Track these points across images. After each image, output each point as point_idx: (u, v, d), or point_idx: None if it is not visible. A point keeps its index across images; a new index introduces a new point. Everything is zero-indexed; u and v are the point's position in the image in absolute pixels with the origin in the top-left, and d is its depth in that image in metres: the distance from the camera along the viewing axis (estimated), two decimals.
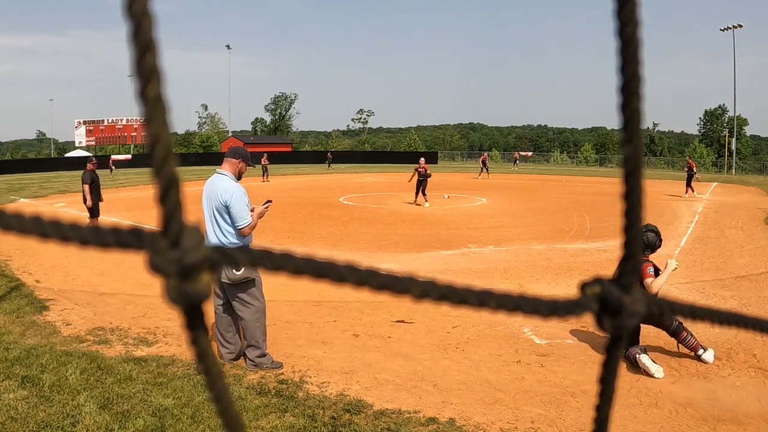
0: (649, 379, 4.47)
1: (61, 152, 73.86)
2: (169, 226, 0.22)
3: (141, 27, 0.21)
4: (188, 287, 0.22)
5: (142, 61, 0.22)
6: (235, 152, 4.80)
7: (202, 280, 0.22)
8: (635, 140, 0.26)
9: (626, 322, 0.28)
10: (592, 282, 0.28)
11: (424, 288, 0.26)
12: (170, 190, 0.22)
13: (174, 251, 0.22)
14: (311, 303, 6.47)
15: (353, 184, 26.11)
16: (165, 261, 0.22)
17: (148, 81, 0.22)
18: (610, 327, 0.29)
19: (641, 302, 0.28)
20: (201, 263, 0.22)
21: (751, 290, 7.19)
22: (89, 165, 11.00)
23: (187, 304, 0.22)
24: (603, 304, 0.28)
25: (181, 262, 0.22)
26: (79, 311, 6.24)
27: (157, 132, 0.22)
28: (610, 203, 18.01)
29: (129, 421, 3.66)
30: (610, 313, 0.28)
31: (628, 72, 0.26)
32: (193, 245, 0.22)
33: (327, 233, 11.69)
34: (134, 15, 0.21)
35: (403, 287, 0.26)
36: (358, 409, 3.94)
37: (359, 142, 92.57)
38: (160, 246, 0.22)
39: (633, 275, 0.28)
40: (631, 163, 0.27)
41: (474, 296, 0.27)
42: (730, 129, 58.56)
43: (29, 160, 49.92)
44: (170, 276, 0.22)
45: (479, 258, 9.28)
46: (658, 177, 37.28)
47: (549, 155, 76.30)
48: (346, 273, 0.26)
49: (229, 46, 68.56)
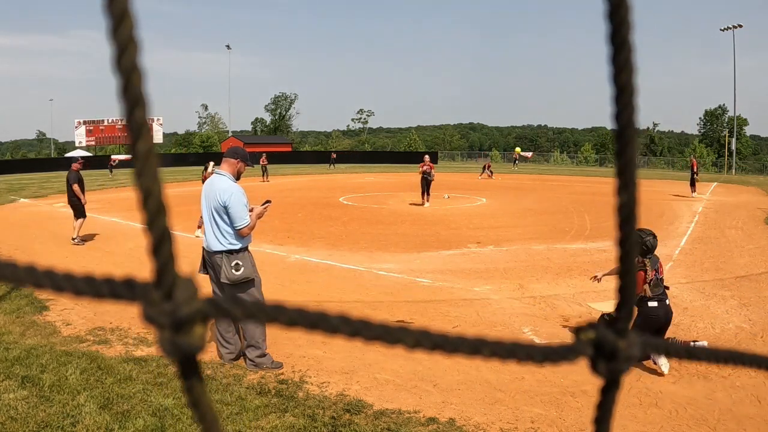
0: (649, 379, 4.47)
1: (61, 152, 73.86)
2: (163, 279, 0.22)
3: (130, 82, 0.21)
4: (182, 340, 0.22)
5: (132, 117, 0.21)
6: (233, 152, 4.79)
7: (195, 332, 0.22)
8: (630, 186, 0.27)
9: (622, 366, 0.28)
10: (587, 327, 0.28)
11: (417, 338, 0.26)
12: (163, 243, 0.22)
13: (167, 304, 0.22)
14: (311, 303, 6.46)
15: (353, 184, 26.11)
16: (158, 313, 0.22)
17: (138, 136, 0.21)
18: (606, 371, 0.29)
19: (636, 346, 0.28)
20: (194, 316, 0.22)
21: (751, 290, 7.19)
22: (76, 165, 10.70)
23: (180, 356, 0.22)
24: (598, 349, 0.28)
25: (175, 315, 0.22)
26: (79, 311, 6.23)
27: (148, 186, 0.22)
28: (610, 203, 17.89)
29: (129, 421, 3.66)
30: (605, 358, 0.28)
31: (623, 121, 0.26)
32: (186, 298, 0.22)
33: (327, 233, 11.69)
34: (123, 70, 0.21)
35: (396, 338, 0.26)
36: (358, 409, 3.94)
37: (359, 142, 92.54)
38: (154, 298, 0.22)
39: (628, 320, 0.28)
40: (625, 211, 0.27)
41: (467, 345, 0.27)
42: (730, 129, 58.54)
43: (29, 160, 49.91)
44: (164, 328, 0.22)
45: (479, 258, 9.28)
46: (658, 177, 37.28)
47: (549, 155, 76.29)
48: (339, 324, 0.26)
49: (229, 46, 68.52)
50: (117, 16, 0.21)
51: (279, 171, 37.22)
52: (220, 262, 4.49)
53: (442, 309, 6.29)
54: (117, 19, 0.21)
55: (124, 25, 0.21)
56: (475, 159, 72.05)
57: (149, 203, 0.22)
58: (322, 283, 7.35)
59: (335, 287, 7.21)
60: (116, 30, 0.21)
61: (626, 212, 0.27)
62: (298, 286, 7.31)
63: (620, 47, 0.26)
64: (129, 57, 0.21)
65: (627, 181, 0.27)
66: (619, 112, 0.26)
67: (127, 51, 0.21)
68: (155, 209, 0.22)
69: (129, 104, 0.21)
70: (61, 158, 50.99)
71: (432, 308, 6.32)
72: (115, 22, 0.21)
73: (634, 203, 0.26)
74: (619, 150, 0.27)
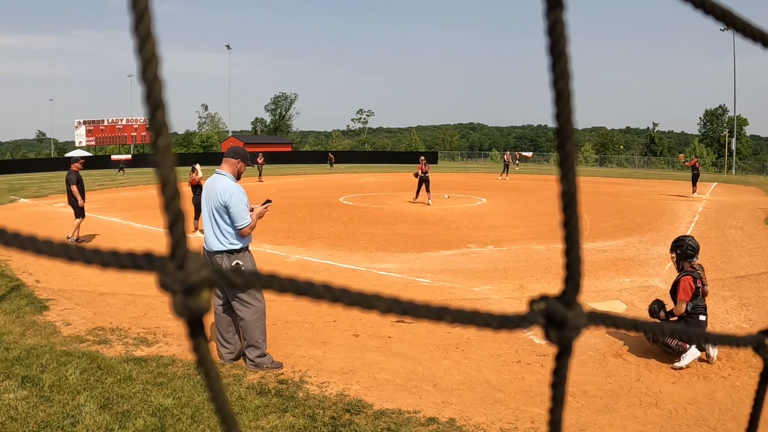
0: (649, 379, 4.47)
1: (61, 152, 73.87)
2: (176, 252, 0.27)
3: (152, 90, 0.26)
4: (191, 303, 0.26)
5: (154, 118, 0.27)
6: (233, 152, 4.80)
7: (203, 296, 0.26)
8: (570, 176, 0.30)
9: (570, 334, 0.31)
10: (539, 299, 0.31)
11: (389, 304, 0.30)
12: (176, 223, 0.27)
13: (180, 273, 0.26)
14: (311, 303, 6.46)
15: (353, 184, 26.11)
16: (172, 281, 0.26)
17: (159, 134, 0.27)
18: (557, 339, 0.31)
19: (583, 317, 0.31)
20: (202, 283, 0.26)
21: (751, 290, 7.19)
22: (76, 165, 10.58)
23: (190, 317, 0.27)
24: (549, 319, 0.31)
25: (186, 282, 0.26)
26: (79, 311, 6.24)
27: (166, 175, 0.27)
28: (610, 203, 18.01)
29: (129, 421, 3.66)
30: (555, 327, 0.31)
31: (562, 120, 0.30)
32: (196, 268, 0.26)
33: (327, 233, 11.69)
34: (147, 81, 0.26)
35: (371, 304, 0.30)
36: (358, 409, 3.94)
37: (359, 142, 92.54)
38: (168, 268, 0.26)
39: (575, 293, 0.31)
40: (567, 197, 0.31)
41: (432, 312, 0.30)
42: (730, 129, 58.55)
43: (29, 160, 49.90)
44: (176, 293, 0.26)
45: (479, 258, 9.28)
46: (658, 177, 37.28)
47: (549, 155, 76.29)
48: (323, 291, 0.30)
49: (229, 46, 68.58)
50: (142, 37, 0.26)
51: (279, 171, 37.21)
52: (221, 261, 4.49)
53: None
54: (142, 40, 0.26)
55: (148, 44, 0.26)
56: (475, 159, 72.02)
57: (166, 189, 0.26)
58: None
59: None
60: (141, 48, 0.26)
61: (568, 198, 0.31)
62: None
63: (558, 57, 0.30)
64: (152, 70, 0.26)
65: (567, 171, 0.31)
66: (558, 113, 0.29)
67: (150, 65, 0.26)
68: (171, 194, 0.27)
69: (151, 108, 0.26)
70: (61, 158, 51.02)
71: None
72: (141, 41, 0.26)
73: (575, 190, 0.30)
74: (560, 144, 0.31)
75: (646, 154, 72.50)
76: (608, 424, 3.76)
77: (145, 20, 0.26)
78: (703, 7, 0.33)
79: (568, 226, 0.31)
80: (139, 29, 0.26)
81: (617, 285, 7.53)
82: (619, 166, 61.94)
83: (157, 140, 0.27)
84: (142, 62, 0.26)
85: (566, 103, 0.29)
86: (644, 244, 10.51)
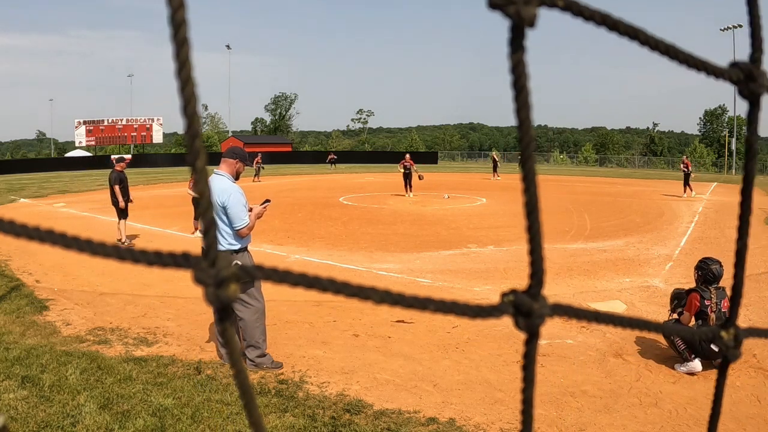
0: (649, 379, 4.47)
1: (61, 152, 73.83)
2: (209, 252, 0.32)
3: (192, 123, 0.32)
4: (222, 294, 0.32)
5: (193, 145, 0.32)
6: (232, 152, 4.79)
7: (231, 288, 0.32)
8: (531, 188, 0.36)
9: (536, 321, 0.36)
10: (509, 292, 0.37)
11: (382, 296, 0.35)
12: (210, 229, 0.33)
13: (212, 269, 0.32)
14: (311, 303, 6.46)
15: (353, 184, 26.11)
16: (206, 276, 0.32)
17: (197, 157, 0.32)
18: (525, 326, 0.37)
19: (547, 307, 0.36)
20: (231, 277, 0.32)
21: (751, 290, 7.19)
22: (121, 165, 10.49)
23: (220, 305, 0.33)
24: (517, 309, 0.36)
25: (217, 277, 0.32)
26: (79, 311, 6.24)
27: (203, 190, 0.33)
28: (610, 203, 18.01)
29: (129, 421, 3.66)
30: (523, 316, 0.36)
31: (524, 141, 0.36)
32: (225, 265, 0.32)
33: (327, 233, 11.69)
34: (188, 115, 0.32)
35: (366, 295, 0.35)
36: (358, 409, 3.94)
37: (359, 142, 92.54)
38: (202, 266, 0.32)
39: (539, 287, 0.37)
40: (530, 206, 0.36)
41: (418, 302, 0.36)
42: (730, 129, 58.55)
43: (29, 160, 49.88)
44: (209, 286, 0.32)
45: (479, 258, 9.28)
46: (658, 177, 37.28)
47: (549, 155, 76.30)
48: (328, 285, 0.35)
49: (229, 46, 68.54)
50: (183, 80, 0.32)
51: (279, 171, 37.21)
52: None
53: None
54: (183, 82, 0.32)
55: (188, 86, 0.32)
56: (475, 159, 72.02)
57: (203, 201, 0.32)
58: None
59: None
60: (183, 88, 0.31)
61: (530, 207, 0.37)
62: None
63: (520, 91, 0.35)
64: (191, 107, 0.32)
65: (529, 184, 0.36)
66: (521, 138, 0.35)
67: (190, 104, 0.32)
68: (206, 205, 0.33)
69: (191, 136, 0.32)
70: (61, 158, 51.04)
71: None
72: (182, 82, 0.32)
73: (536, 200, 0.36)
74: (523, 161, 0.36)
75: (646, 154, 72.50)
76: (608, 424, 3.76)
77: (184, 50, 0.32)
78: (648, 44, 0.39)
79: (531, 231, 0.37)
80: (183, 84, 0.32)
81: (617, 285, 7.53)
82: (619, 166, 61.94)
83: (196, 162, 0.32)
84: (184, 100, 0.32)
85: (527, 128, 0.35)
86: (644, 244, 10.50)
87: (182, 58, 0.31)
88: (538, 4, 0.33)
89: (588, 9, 0.35)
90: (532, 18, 0.33)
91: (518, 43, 0.34)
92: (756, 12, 0.41)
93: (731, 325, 0.45)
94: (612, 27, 0.37)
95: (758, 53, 0.41)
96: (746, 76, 0.41)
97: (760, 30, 0.41)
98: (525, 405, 0.39)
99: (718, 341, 0.44)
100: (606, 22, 0.36)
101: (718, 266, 4.89)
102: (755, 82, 0.41)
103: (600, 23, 0.36)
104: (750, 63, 0.41)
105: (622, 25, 0.37)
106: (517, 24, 0.33)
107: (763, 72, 0.41)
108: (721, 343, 0.45)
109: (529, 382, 0.38)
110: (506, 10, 0.33)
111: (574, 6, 0.35)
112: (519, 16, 0.33)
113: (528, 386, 0.39)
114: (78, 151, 55.21)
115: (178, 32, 0.31)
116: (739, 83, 0.41)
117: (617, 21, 0.37)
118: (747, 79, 0.41)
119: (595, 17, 0.36)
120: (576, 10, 0.35)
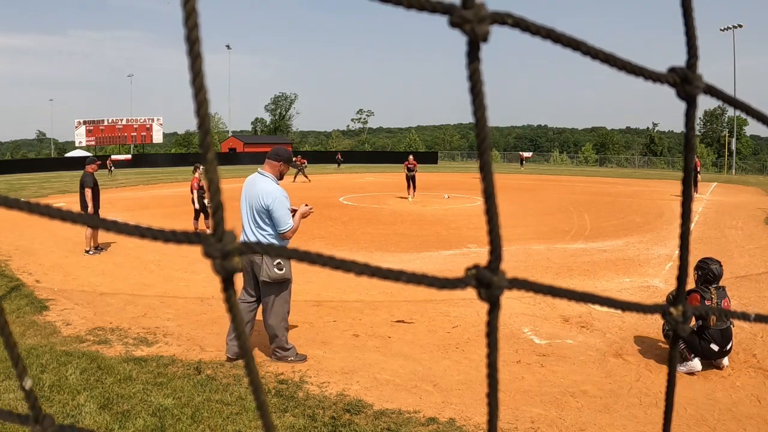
0: (649, 379, 4.47)
1: (61, 152, 73.85)
2: (217, 230, 0.37)
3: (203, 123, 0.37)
4: (227, 264, 0.37)
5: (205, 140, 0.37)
6: (276, 154, 4.81)
7: (235, 260, 0.37)
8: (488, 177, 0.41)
9: (495, 292, 0.41)
10: (472, 267, 0.41)
11: (361, 268, 0.40)
12: (218, 210, 0.38)
13: (219, 244, 0.37)
14: (311, 303, 6.47)
15: (353, 184, 26.10)
16: (213, 249, 0.37)
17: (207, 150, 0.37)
18: (486, 296, 0.41)
19: (505, 281, 0.41)
20: (235, 251, 0.37)
21: (751, 290, 7.19)
22: (91, 167, 9.64)
23: (226, 274, 0.37)
24: (479, 281, 0.41)
25: (223, 250, 0.37)
26: (79, 311, 6.24)
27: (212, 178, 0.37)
28: (610, 203, 18.01)
29: (129, 421, 3.66)
30: (484, 287, 0.41)
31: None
32: (230, 240, 0.37)
33: (327, 233, 11.69)
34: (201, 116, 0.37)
35: (348, 267, 0.40)
36: (358, 409, 3.94)
37: (359, 142, 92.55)
38: (211, 241, 0.37)
39: (497, 262, 0.42)
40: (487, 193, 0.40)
41: (392, 273, 0.41)
42: (730, 129, 58.57)
43: (29, 160, 49.90)
44: (216, 258, 0.37)
45: (479, 258, 9.27)
46: (658, 177, 37.28)
47: (549, 155, 76.27)
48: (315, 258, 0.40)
49: (229, 46, 68.60)
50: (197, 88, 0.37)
51: None
52: (261, 261, 4.52)
53: (441, 309, 6.29)
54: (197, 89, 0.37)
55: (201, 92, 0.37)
56: (475, 159, 72.00)
57: (212, 187, 0.37)
58: (322, 283, 7.35)
59: (335, 287, 7.21)
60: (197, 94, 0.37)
61: (487, 194, 0.41)
62: (298, 286, 7.28)
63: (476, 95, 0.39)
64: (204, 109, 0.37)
65: (486, 174, 0.40)
66: (478, 133, 0.40)
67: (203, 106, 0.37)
68: (215, 190, 0.37)
69: (203, 133, 0.37)
70: (61, 158, 51.02)
71: (432, 308, 6.32)
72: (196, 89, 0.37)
73: (492, 188, 0.40)
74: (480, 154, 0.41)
75: (646, 154, 72.50)
76: (608, 424, 3.76)
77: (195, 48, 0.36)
78: (589, 54, 0.43)
79: (489, 213, 0.41)
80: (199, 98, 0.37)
81: (617, 285, 7.53)
82: (619, 166, 61.92)
83: (207, 154, 0.37)
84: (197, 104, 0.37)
85: (483, 125, 0.40)
86: (644, 244, 10.50)
87: (196, 69, 0.36)
88: (490, 22, 0.37)
89: (534, 25, 0.40)
90: (485, 34, 0.37)
91: (474, 55, 0.38)
92: (691, 23, 0.46)
93: (680, 303, 0.48)
94: (556, 40, 0.41)
95: (693, 59, 0.46)
96: (682, 79, 0.46)
97: (695, 39, 0.47)
98: (490, 369, 0.43)
99: (667, 317, 0.48)
100: (551, 36, 0.40)
101: (718, 266, 4.89)
102: (691, 84, 0.46)
103: (545, 37, 0.40)
104: (686, 68, 0.46)
105: (564, 38, 0.41)
106: (473, 40, 0.38)
107: (698, 75, 0.46)
108: (670, 319, 0.48)
109: (493, 348, 0.43)
110: (463, 28, 0.37)
111: (522, 23, 0.39)
112: (474, 33, 0.37)
113: (492, 351, 0.43)
114: (78, 151, 55.20)
115: (193, 48, 0.36)
116: (676, 86, 0.46)
117: (560, 35, 0.41)
118: (683, 82, 0.46)
119: (540, 32, 0.40)
120: (524, 26, 0.39)
